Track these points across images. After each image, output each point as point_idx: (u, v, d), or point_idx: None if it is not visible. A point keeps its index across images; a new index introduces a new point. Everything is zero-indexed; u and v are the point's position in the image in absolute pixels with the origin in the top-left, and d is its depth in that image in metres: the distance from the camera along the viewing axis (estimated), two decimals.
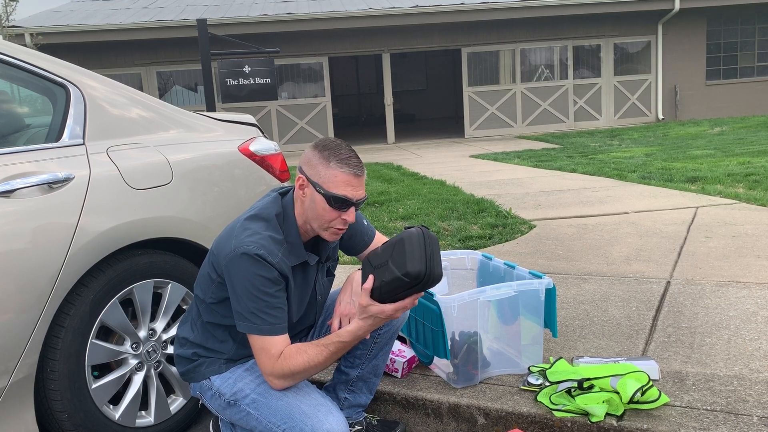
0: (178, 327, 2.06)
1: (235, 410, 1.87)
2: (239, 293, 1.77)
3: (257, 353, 1.80)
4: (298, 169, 1.85)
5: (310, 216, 1.84)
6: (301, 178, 1.83)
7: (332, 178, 1.78)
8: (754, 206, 4.94)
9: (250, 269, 1.75)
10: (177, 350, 2.01)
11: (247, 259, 1.75)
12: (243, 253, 1.75)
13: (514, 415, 2.10)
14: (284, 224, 1.86)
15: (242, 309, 1.77)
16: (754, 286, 3.13)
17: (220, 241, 1.87)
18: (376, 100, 20.26)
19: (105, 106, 2.25)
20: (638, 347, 2.51)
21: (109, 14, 13.68)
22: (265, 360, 1.78)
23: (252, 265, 1.75)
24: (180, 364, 2.01)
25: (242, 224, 1.83)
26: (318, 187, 1.79)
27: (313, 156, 1.82)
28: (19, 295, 1.84)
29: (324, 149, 1.81)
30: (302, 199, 1.85)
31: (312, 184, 1.80)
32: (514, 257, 3.94)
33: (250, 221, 1.84)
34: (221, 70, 8.51)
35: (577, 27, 14.18)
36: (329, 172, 1.78)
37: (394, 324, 2.13)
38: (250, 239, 1.77)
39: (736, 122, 12.80)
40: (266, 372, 1.79)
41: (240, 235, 1.79)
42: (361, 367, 2.16)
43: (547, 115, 14.50)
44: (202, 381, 1.94)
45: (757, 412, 1.95)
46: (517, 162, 8.99)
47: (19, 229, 1.86)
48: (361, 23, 13.02)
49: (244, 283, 1.76)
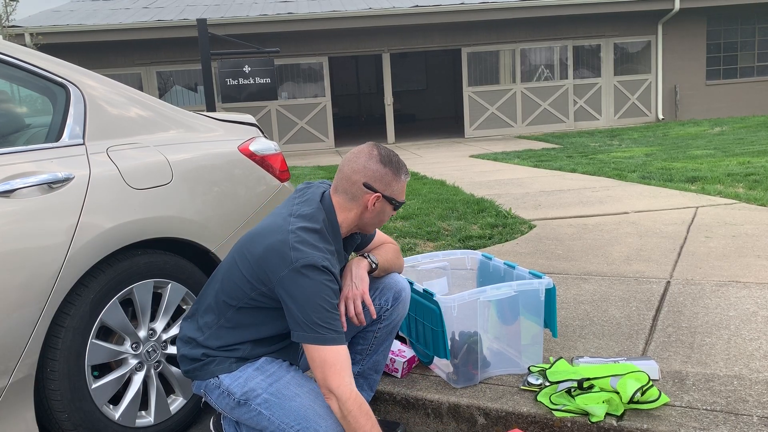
0: (183, 326, 2.03)
1: (245, 410, 1.86)
2: (303, 305, 1.74)
3: (319, 367, 1.74)
4: (366, 187, 1.90)
5: (371, 223, 1.97)
6: (377, 196, 1.91)
7: (401, 188, 1.96)
8: (754, 206, 4.94)
9: (317, 281, 1.74)
10: (183, 350, 1.97)
11: (314, 271, 1.74)
12: (310, 265, 1.74)
13: (514, 415, 2.10)
14: (330, 232, 1.90)
15: (307, 320, 1.73)
16: (754, 286, 3.13)
17: (266, 250, 1.80)
18: (376, 100, 20.26)
19: (105, 106, 2.25)
20: (638, 347, 2.51)
21: (109, 14, 13.68)
22: (331, 375, 1.72)
23: (319, 276, 1.75)
24: (184, 363, 1.98)
25: (296, 235, 1.80)
26: (393, 201, 1.94)
27: (385, 173, 1.91)
28: (19, 294, 1.84)
29: (390, 164, 1.92)
30: (369, 212, 1.94)
31: (387, 199, 1.93)
32: (514, 257, 3.94)
33: (303, 232, 1.81)
34: (221, 70, 8.51)
35: (577, 27, 14.18)
36: (399, 184, 1.95)
37: (393, 318, 2.14)
38: (312, 252, 1.77)
39: (736, 122, 12.80)
40: (332, 385, 1.72)
41: (299, 246, 1.77)
42: (362, 363, 2.16)
43: (547, 115, 14.50)
44: (209, 379, 1.91)
45: (757, 412, 1.95)
46: (517, 162, 8.99)
47: (19, 229, 1.86)
48: (361, 23, 13.02)
49: (311, 296, 1.74)
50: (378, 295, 2.11)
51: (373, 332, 2.14)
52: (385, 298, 2.11)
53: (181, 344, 2.00)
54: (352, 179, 1.90)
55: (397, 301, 2.13)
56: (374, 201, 1.91)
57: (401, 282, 2.15)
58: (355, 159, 1.92)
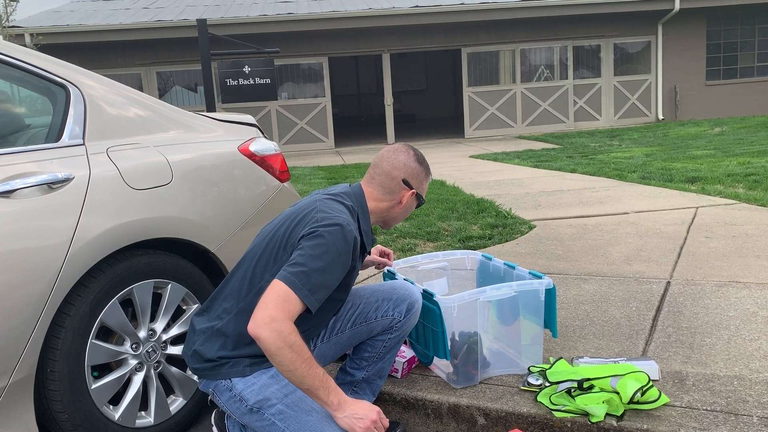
0: (196, 320, 1.96)
1: (257, 417, 1.82)
2: (311, 254, 1.75)
3: (272, 296, 1.69)
4: (405, 183, 2.06)
5: (399, 217, 2.12)
6: (412, 193, 2.08)
7: (426, 186, 2.14)
8: (754, 206, 4.94)
9: (337, 235, 1.79)
10: (197, 345, 1.89)
11: (336, 228, 1.79)
12: (334, 224, 1.80)
13: (514, 415, 2.10)
14: (360, 214, 1.99)
15: (302, 261, 1.73)
16: (754, 286, 3.13)
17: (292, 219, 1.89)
18: (376, 100, 20.26)
19: (105, 107, 2.24)
20: (638, 347, 2.51)
21: (109, 14, 13.68)
22: (277, 305, 1.67)
23: (338, 238, 1.79)
24: (196, 360, 1.89)
25: (323, 202, 1.91)
26: (420, 198, 2.12)
27: (420, 171, 2.09)
28: (19, 295, 1.84)
29: (424, 163, 2.11)
30: (401, 206, 2.09)
31: (417, 197, 2.10)
32: (514, 257, 3.94)
33: (331, 201, 1.93)
34: (221, 70, 8.51)
35: (577, 27, 14.18)
36: (426, 182, 2.14)
37: (405, 329, 2.15)
38: (338, 214, 1.85)
39: (736, 122, 12.80)
40: (268, 314, 1.65)
41: (326, 210, 1.86)
42: (368, 369, 2.17)
43: (547, 115, 14.50)
44: (221, 380, 1.86)
45: (757, 413, 1.95)
46: (517, 162, 8.99)
47: (19, 229, 1.86)
48: (361, 23, 13.02)
49: (324, 245, 1.77)
50: (392, 305, 2.12)
51: (383, 341, 2.14)
52: (399, 309, 2.12)
53: (195, 337, 1.92)
54: (392, 174, 2.05)
55: (410, 313, 2.14)
56: (409, 196, 2.07)
57: (415, 294, 2.16)
58: (395, 156, 2.06)
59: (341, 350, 2.19)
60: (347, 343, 2.16)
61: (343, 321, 2.14)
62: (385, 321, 2.12)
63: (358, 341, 2.17)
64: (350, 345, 2.18)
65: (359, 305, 2.14)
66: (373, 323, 2.12)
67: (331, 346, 2.16)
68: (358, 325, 2.13)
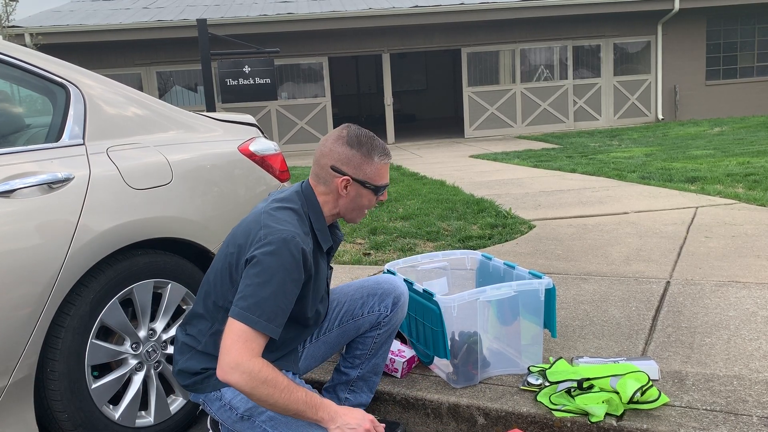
0: (178, 334, 1.97)
1: (248, 425, 1.82)
2: (257, 278, 1.68)
3: (233, 340, 1.65)
4: (334, 170, 1.84)
5: (349, 208, 1.89)
6: (345, 180, 1.84)
7: (377, 171, 1.85)
8: (754, 206, 4.94)
9: (281, 254, 1.69)
10: (180, 362, 1.91)
11: (279, 246, 1.69)
12: (278, 239, 1.70)
13: (514, 415, 2.10)
14: (311, 213, 1.87)
15: (250, 293, 1.67)
16: (753, 286, 3.13)
17: (242, 235, 1.79)
18: (376, 100, 20.25)
19: (105, 107, 2.25)
20: (638, 347, 2.51)
21: (109, 14, 13.68)
22: (239, 348, 1.64)
23: (283, 249, 1.69)
24: (183, 377, 1.91)
25: (268, 214, 1.79)
26: (367, 184, 1.85)
27: (352, 155, 1.83)
28: (19, 294, 1.84)
29: (361, 146, 1.83)
30: (343, 197, 1.87)
31: (359, 182, 1.85)
32: (513, 257, 3.94)
33: (276, 211, 1.80)
34: (221, 70, 8.51)
35: (577, 27, 14.18)
36: (374, 167, 1.85)
37: (393, 323, 2.13)
38: (281, 227, 1.74)
39: (736, 122, 12.80)
40: (232, 359, 1.63)
41: (269, 224, 1.75)
42: (361, 366, 2.16)
43: (546, 115, 14.50)
44: (211, 392, 1.87)
45: (756, 412, 1.96)
46: (517, 162, 8.99)
47: (19, 229, 1.86)
48: (361, 23, 13.02)
49: (268, 270, 1.68)
50: (377, 300, 2.11)
51: (373, 338, 2.13)
52: (385, 304, 2.11)
53: (179, 356, 1.93)
54: (321, 163, 1.86)
55: (396, 306, 2.12)
56: (344, 185, 1.85)
57: (400, 287, 2.14)
58: (324, 142, 1.87)
59: (331, 349, 2.17)
60: (336, 341, 2.15)
61: (330, 320, 2.13)
62: (372, 317, 2.11)
63: (347, 339, 2.16)
64: (340, 343, 2.17)
65: (345, 303, 2.13)
66: (360, 320, 2.11)
67: (320, 345, 2.14)
68: (346, 322, 2.12)
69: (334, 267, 4.07)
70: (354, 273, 3.87)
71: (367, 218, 5.37)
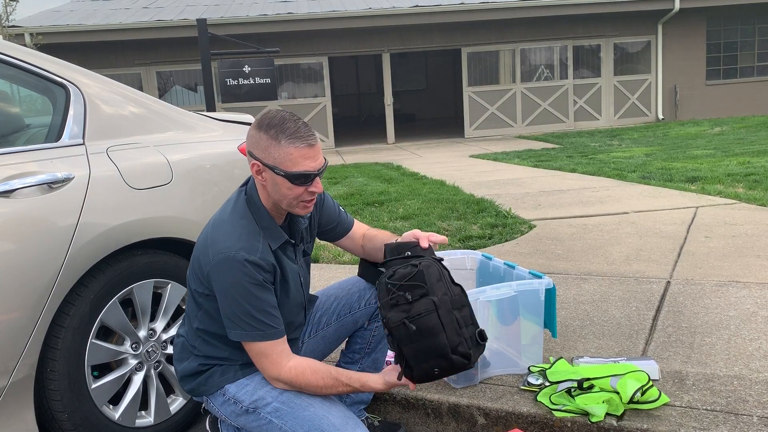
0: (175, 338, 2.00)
1: (254, 418, 1.82)
2: (226, 300, 1.73)
3: (256, 358, 1.78)
4: (248, 154, 1.75)
5: (276, 198, 1.77)
6: (256, 164, 1.73)
7: (288, 156, 1.69)
8: (754, 206, 4.94)
9: (233, 273, 1.70)
10: (179, 367, 1.93)
11: (229, 262, 1.70)
12: (224, 258, 1.71)
13: (514, 415, 2.10)
14: (254, 212, 1.80)
15: (231, 315, 1.74)
16: (754, 286, 3.13)
17: (198, 254, 1.82)
18: (376, 100, 20.25)
19: (104, 107, 2.24)
20: (638, 347, 2.51)
21: (108, 14, 13.68)
22: (267, 364, 1.77)
23: (235, 268, 1.70)
24: (186, 382, 1.93)
25: (212, 231, 1.79)
26: (276, 170, 1.70)
27: (259, 138, 1.71)
28: (19, 295, 1.84)
29: (269, 128, 1.70)
30: (263, 184, 1.77)
31: (269, 168, 1.71)
32: (514, 257, 3.94)
33: (219, 225, 1.80)
34: (221, 70, 8.51)
35: (577, 27, 14.18)
36: (282, 151, 1.69)
37: None
38: (226, 243, 1.73)
39: (736, 122, 12.80)
40: (271, 376, 1.79)
41: (216, 242, 1.75)
42: (361, 362, 2.16)
43: (547, 115, 14.50)
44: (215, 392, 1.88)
45: (757, 412, 1.95)
46: (517, 162, 8.99)
47: (19, 229, 1.86)
48: (361, 23, 13.02)
49: (229, 290, 1.72)
50: (373, 293, 2.11)
51: (371, 331, 2.13)
52: None
53: (177, 363, 1.96)
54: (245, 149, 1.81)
55: None
56: (256, 170, 1.74)
57: None
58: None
59: (330, 345, 2.17)
60: (335, 336, 2.15)
61: (329, 314, 2.13)
62: (369, 309, 2.11)
63: (346, 334, 2.16)
64: (339, 338, 2.17)
65: (342, 297, 2.13)
66: (357, 313, 2.11)
67: (318, 341, 2.14)
68: (343, 316, 2.12)
69: (333, 266, 4.07)
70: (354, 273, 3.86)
71: (366, 218, 5.37)
